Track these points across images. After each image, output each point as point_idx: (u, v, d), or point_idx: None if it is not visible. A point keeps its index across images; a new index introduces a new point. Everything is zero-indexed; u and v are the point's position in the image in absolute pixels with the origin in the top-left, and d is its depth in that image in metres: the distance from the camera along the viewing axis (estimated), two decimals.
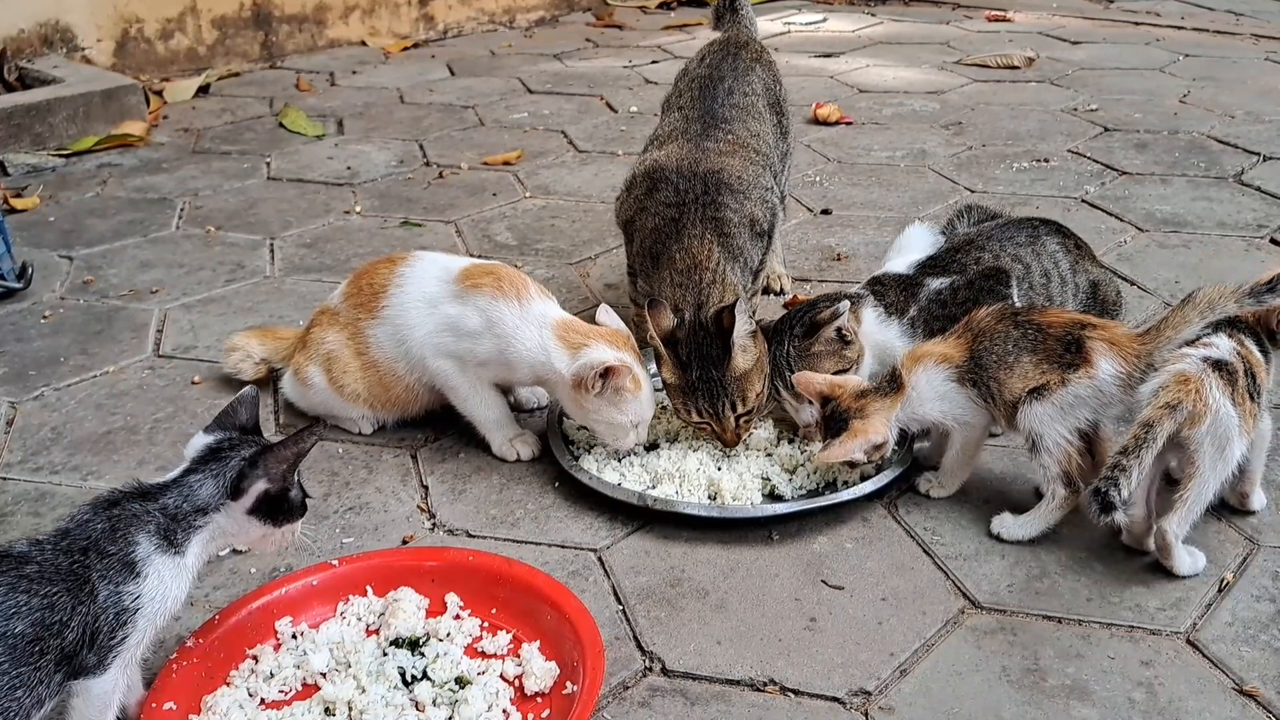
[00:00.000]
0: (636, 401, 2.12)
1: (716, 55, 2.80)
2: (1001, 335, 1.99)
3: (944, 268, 2.28)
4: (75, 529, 1.50)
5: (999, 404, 1.98)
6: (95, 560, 1.46)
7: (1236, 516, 2.05)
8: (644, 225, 2.45)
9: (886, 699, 1.67)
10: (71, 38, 4.85)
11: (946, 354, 2.03)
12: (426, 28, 6.12)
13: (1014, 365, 1.96)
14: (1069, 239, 2.35)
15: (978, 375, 1.99)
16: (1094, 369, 1.91)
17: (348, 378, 2.29)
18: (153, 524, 1.51)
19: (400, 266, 2.28)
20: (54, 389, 2.58)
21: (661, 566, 1.97)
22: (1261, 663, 1.72)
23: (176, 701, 1.63)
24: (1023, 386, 1.95)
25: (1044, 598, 1.87)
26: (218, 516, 1.54)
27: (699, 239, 2.34)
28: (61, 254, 3.31)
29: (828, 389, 2.08)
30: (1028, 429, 1.95)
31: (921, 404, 2.03)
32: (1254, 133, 4.16)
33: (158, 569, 1.49)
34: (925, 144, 4.16)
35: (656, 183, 2.46)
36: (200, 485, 1.54)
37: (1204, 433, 1.81)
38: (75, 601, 1.44)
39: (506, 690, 1.67)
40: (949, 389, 2.02)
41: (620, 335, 2.18)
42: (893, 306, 2.28)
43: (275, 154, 4.20)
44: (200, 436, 1.62)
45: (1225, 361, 1.85)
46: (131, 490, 1.55)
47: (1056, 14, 6.48)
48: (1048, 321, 1.99)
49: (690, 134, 2.58)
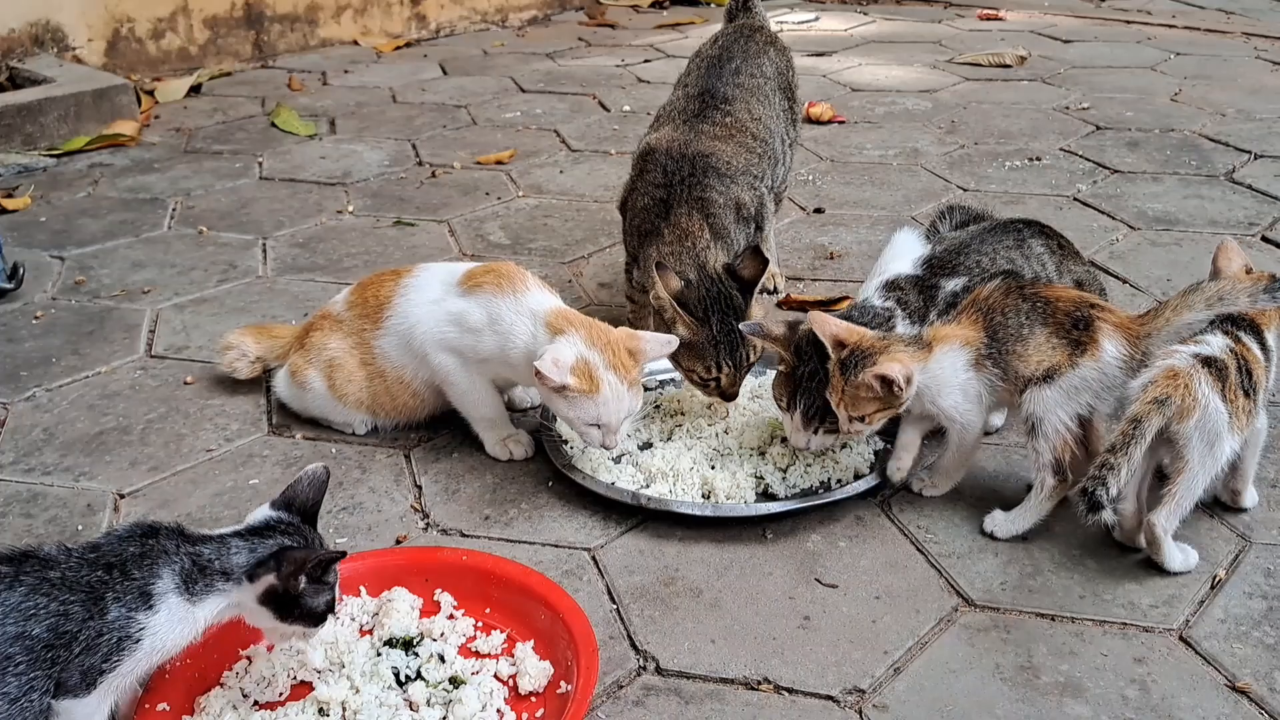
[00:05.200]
0: (589, 402, 2.02)
1: (730, 37, 2.83)
2: (1013, 308, 1.98)
3: (953, 268, 2.25)
4: (107, 545, 1.50)
5: (1015, 380, 1.97)
6: (116, 579, 1.46)
7: (1229, 513, 2.06)
8: (634, 205, 2.53)
9: (880, 697, 1.67)
10: (62, 37, 4.83)
11: (968, 337, 2.00)
12: (419, 27, 6.11)
13: (1029, 338, 1.96)
14: (1052, 239, 2.35)
15: (996, 352, 1.97)
16: (1099, 350, 1.92)
17: (351, 386, 2.29)
18: (180, 565, 1.50)
19: (405, 278, 2.29)
20: (46, 390, 2.57)
21: (655, 565, 1.97)
22: (1254, 659, 1.72)
23: (170, 702, 1.62)
24: (1039, 360, 1.95)
25: (1037, 595, 1.87)
26: (237, 589, 1.53)
27: (686, 216, 2.39)
28: (53, 254, 3.30)
29: (845, 333, 2.00)
30: (1030, 412, 1.96)
31: (939, 389, 2.00)
32: (1245, 131, 4.17)
33: (170, 607, 1.48)
34: (918, 142, 4.16)
35: (647, 165, 2.53)
36: (236, 553, 1.54)
37: (1193, 428, 1.82)
38: (86, 615, 1.43)
39: (500, 690, 1.67)
40: (968, 378, 1.99)
41: (605, 336, 2.07)
42: (915, 313, 2.21)
43: (267, 153, 4.19)
44: (263, 509, 1.62)
45: (1215, 358, 1.86)
46: (173, 528, 1.55)
47: (1048, 12, 6.49)
48: (1055, 295, 2.00)
49: (687, 114, 2.62)
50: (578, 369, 2.01)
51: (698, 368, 2.23)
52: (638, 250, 2.48)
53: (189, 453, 2.32)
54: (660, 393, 2.47)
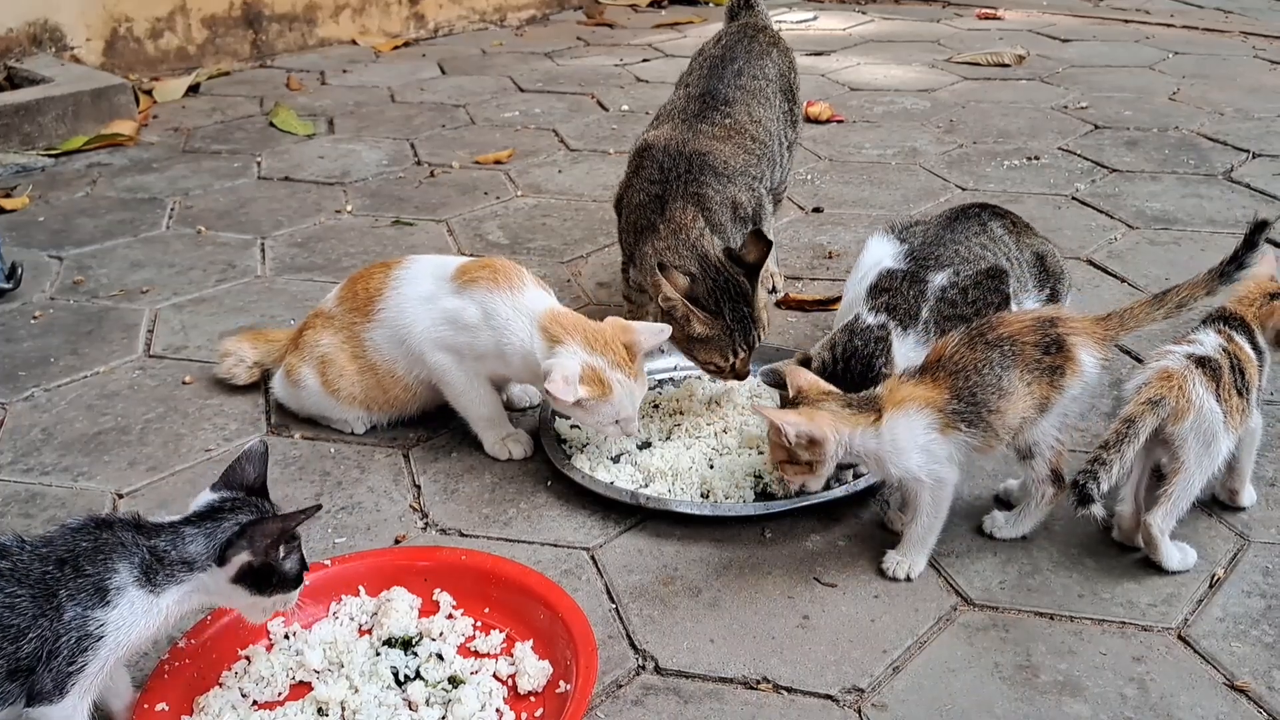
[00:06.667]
0: (606, 405, 2.07)
1: (733, 36, 2.82)
2: (984, 362, 1.83)
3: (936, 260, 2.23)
4: (60, 539, 1.47)
5: (1001, 434, 1.85)
6: (69, 576, 1.43)
7: (1227, 512, 2.06)
8: (630, 201, 2.52)
9: (879, 696, 1.67)
10: (61, 37, 4.83)
11: (929, 398, 1.84)
12: (417, 26, 6.11)
13: (1008, 391, 1.83)
14: (1005, 218, 2.36)
15: (973, 414, 1.82)
16: (1079, 365, 1.86)
17: (343, 381, 2.29)
18: (137, 558, 1.46)
19: (395, 270, 2.28)
20: (44, 390, 2.57)
21: (654, 565, 1.97)
22: (1252, 658, 1.72)
23: (168, 702, 1.62)
24: (1024, 407, 1.84)
25: (1036, 594, 1.87)
26: (203, 576, 1.49)
27: (681, 210, 2.39)
28: (51, 254, 3.29)
29: (806, 385, 1.94)
30: (1024, 443, 1.91)
31: (900, 454, 1.83)
32: (1243, 129, 4.17)
33: (129, 600, 1.45)
34: (916, 142, 4.17)
35: (644, 161, 2.52)
36: (191, 540, 1.49)
37: (1188, 429, 1.82)
38: (37, 611, 1.41)
39: (500, 689, 1.67)
40: (931, 439, 1.83)
41: (602, 336, 2.10)
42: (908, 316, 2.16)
43: (266, 153, 4.19)
44: (206, 493, 1.57)
45: (1209, 358, 1.87)
46: (128, 520, 1.51)
47: (1047, 11, 6.49)
48: (1015, 331, 1.87)
49: (687, 114, 2.62)
50: (586, 378, 2.04)
51: (715, 358, 2.24)
52: (634, 248, 2.47)
53: (188, 453, 2.32)
54: (660, 392, 2.47)
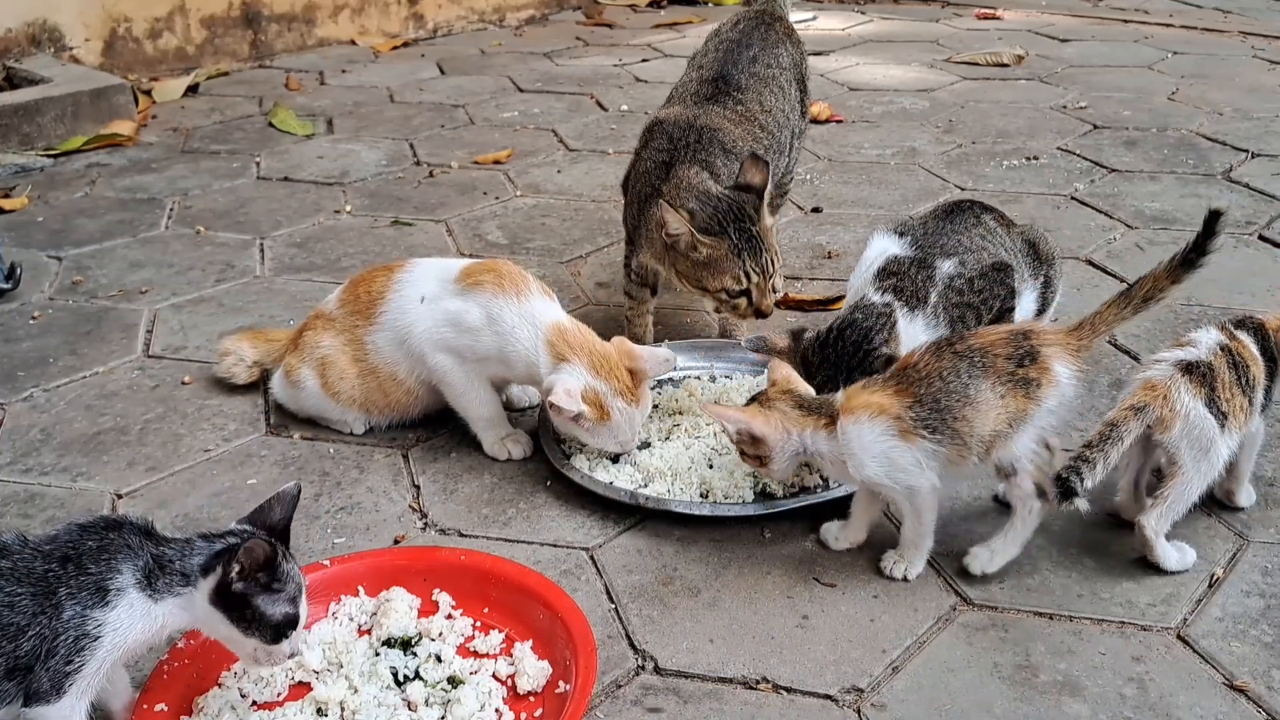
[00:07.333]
0: (605, 429, 2.11)
1: (750, 22, 2.83)
2: (950, 370, 1.81)
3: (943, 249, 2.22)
4: (65, 537, 1.47)
5: (970, 444, 1.81)
6: (71, 574, 1.43)
7: (1226, 512, 2.06)
8: (637, 171, 2.54)
9: (879, 696, 1.67)
10: (59, 37, 4.82)
11: (882, 406, 1.81)
12: (416, 26, 6.11)
13: (977, 398, 1.80)
14: (992, 211, 2.38)
15: (937, 420, 1.80)
16: (1054, 377, 1.82)
17: (344, 384, 2.29)
18: (142, 562, 1.46)
19: (398, 273, 2.29)
20: (43, 390, 2.57)
21: (654, 565, 1.97)
22: (1251, 658, 1.72)
23: (167, 703, 1.62)
24: (996, 418, 1.80)
25: (1035, 594, 1.87)
26: (194, 593, 1.49)
27: (687, 169, 2.40)
28: (50, 254, 3.29)
29: (778, 379, 1.95)
30: (1003, 460, 1.84)
31: (859, 464, 1.83)
32: (1242, 129, 4.17)
33: (129, 602, 1.44)
34: (915, 142, 4.17)
35: (654, 134, 2.55)
36: (197, 554, 1.49)
37: (1179, 437, 1.82)
38: (37, 609, 1.41)
39: (499, 690, 1.67)
40: (890, 445, 1.80)
41: (607, 361, 2.11)
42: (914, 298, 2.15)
43: (265, 153, 4.19)
44: (231, 525, 1.58)
45: (1199, 362, 1.86)
46: (139, 524, 1.51)
47: (1046, 11, 6.49)
48: (986, 343, 1.84)
49: (699, 96, 2.64)
50: (588, 400, 2.07)
51: (726, 282, 2.21)
52: (638, 222, 2.47)
53: (187, 453, 2.32)
54: (660, 392, 2.47)
